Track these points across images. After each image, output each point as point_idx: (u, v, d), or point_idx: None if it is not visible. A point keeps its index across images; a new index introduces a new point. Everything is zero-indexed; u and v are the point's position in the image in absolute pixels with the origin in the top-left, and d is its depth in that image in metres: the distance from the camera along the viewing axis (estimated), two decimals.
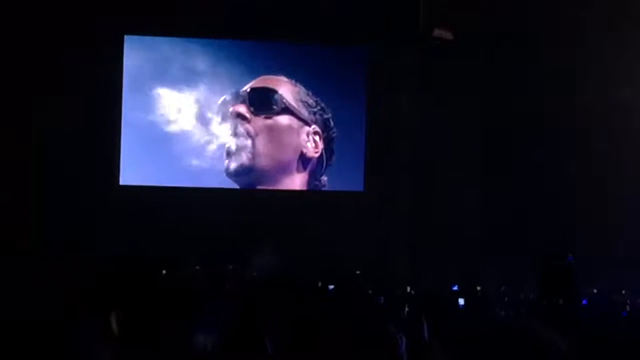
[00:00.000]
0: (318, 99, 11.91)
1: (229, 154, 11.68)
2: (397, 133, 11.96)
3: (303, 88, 11.85)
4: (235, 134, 11.67)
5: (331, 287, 8.91)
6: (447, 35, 11.17)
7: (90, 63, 11.27)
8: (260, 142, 11.72)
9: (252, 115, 11.71)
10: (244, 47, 11.94)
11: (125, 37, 11.70)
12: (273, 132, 11.77)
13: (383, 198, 11.88)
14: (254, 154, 11.66)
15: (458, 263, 11.14)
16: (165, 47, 11.80)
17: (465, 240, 11.60)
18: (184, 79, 11.77)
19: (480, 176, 11.92)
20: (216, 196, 11.63)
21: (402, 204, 11.85)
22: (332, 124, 11.98)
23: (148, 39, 11.77)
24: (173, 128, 11.76)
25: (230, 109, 11.67)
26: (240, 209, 11.60)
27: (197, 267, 10.19)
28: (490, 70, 11.84)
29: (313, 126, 11.89)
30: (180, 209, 11.45)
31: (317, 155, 11.93)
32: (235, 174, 11.70)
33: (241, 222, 11.45)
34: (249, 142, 11.68)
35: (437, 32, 11.14)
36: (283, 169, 11.83)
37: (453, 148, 11.85)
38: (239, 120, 11.67)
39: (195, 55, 11.82)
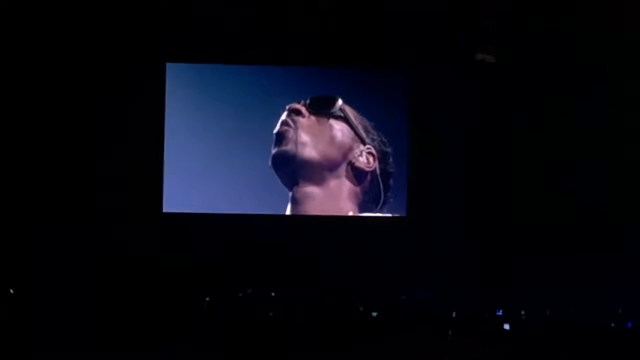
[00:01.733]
0: (381, 133, 11.92)
1: (275, 143, 11.71)
2: (440, 157, 11.92)
3: (367, 122, 11.89)
4: (284, 124, 11.72)
5: (374, 313, 8.94)
6: (490, 58, 11.16)
7: (132, 91, 11.41)
8: (308, 133, 11.76)
9: (308, 113, 11.77)
10: (287, 73, 11.96)
11: (167, 64, 11.76)
12: (324, 130, 11.83)
13: (426, 222, 11.83)
14: (297, 142, 11.67)
15: (502, 286, 11.10)
16: (207, 74, 11.86)
17: (510, 264, 11.53)
18: (228, 105, 11.81)
19: (527, 204, 11.81)
20: (260, 222, 11.64)
21: (445, 228, 11.78)
22: (390, 159, 11.97)
23: (190, 66, 11.84)
24: (218, 153, 11.80)
25: (287, 107, 11.74)
26: (282, 233, 11.62)
27: (240, 294, 10.25)
28: (535, 92, 11.79)
29: (368, 146, 11.89)
30: (224, 236, 11.49)
31: (369, 169, 11.88)
32: (278, 164, 11.68)
33: (283, 246, 11.48)
34: (295, 131, 11.71)
35: (480, 56, 11.14)
36: (329, 168, 11.81)
37: (498, 173, 11.81)
38: (292, 114, 11.73)
39: (237, 81, 11.87)
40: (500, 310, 9.80)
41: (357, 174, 11.93)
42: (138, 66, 11.43)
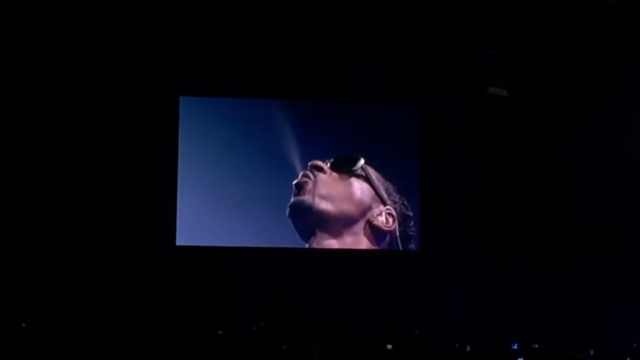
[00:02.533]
0: (404, 197, 11.93)
1: (293, 193, 11.76)
2: (452, 190, 11.90)
3: (390, 184, 11.92)
4: (304, 176, 11.78)
5: (389, 346, 8.89)
6: (502, 92, 11.19)
7: (145, 124, 11.47)
8: (326, 187, 11.82)
9: (330, 170, 11.83)
10: (298, 108, 12.02)
11: (181, 98, 11.81)
12: (343, 186, 11.89)
13: (438, 255, 11.81)
14: (315, 194, 11.72)
15: (516, 319, 11.06)
16: (220, 108, 11.93)
17: (523, 297, 11.49)
18: (241, 139, 11.86)
19: (541, 235, 11.78)
20: (274, 256, 11.65)
21: (457, 261, 11.76)
22: (412, 223, 11.95)
23: (204, 99, 11.90)
24: (231, 186, 11.82)
25: (309, 163, 11.81)
26: (296, 267, 11.63)
27: (253, 328, 10.21)
28: (547, 125, 11.79)
29: (388, 207, 11.90)
30: (237, 269, 11.50)
31: (387, 229, 11.87)
32: (295, 213, 11.73)
33: (296, 280, 11.48)
34: (314, 184, 11.77)
35: (492, 90, 11.17)
36: (346, 224, 11.83)
37: (508, 205, 11.78)
38: (314, 170, 11.81)
39: (250, 115, 11.95)
40: (516, 344, 9.73)
41: (375, 233, 11.93)
42: (151, 99, 11.51)
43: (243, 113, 11.99)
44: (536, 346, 9.79)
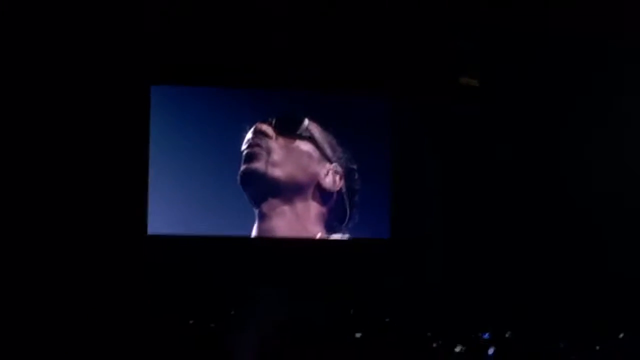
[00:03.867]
0: (347, 150, 12.00)
1: (244, 161, 11.80)
2: (423, 178, 11.93)
3: (333, 138, 11.94)
4: (254, 145, 11.78)
5: (358, 335, 8.92)
6: (473, 82, 11.23)
7: (116, 114, 11.40)
8: (277, 155, 11.84)
9: (275, 135, 11.86)
10: (268, 96, 12.01)
11: (152, 87, 11.76)
12: (292, 152, 11.91)
13: (410, 244, 11.83)
14: (267, 162, 11.77)
15: (489, 308, 11.08)
16: (193, 97, 11.90)
17: (497, 284, 11.49)
18: (210, 128, 11.84)
19: (512, 224, 11.81)
20: (246, 245, 11.67)
21: (430, 248, 11.79)
22: (356, 176, 12.03)
23: (176, 88, 11.85)
24: (201, 176, 11.79)
25: (254, 127, 11.82)
26: (267, 256, 11.61)
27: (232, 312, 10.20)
28: (520, 117, 11.82)
29: (335, 164, 11.91)
30: (211, 259, 11.46)
31: (336, 190, 11.91)
32: (247, 182, 11.76)
33: (266, 270, 11.45)
34: (264, 152, 11.80)
35: (463, 80, 11.21)
36: (297, 190, 11.87)
37: (481, 193, 11.79)
38: (260, 136, 11.80)
39: (220, 103, 11.96)
40: (487, 334, 9.74)
41: (323, 195, 11.98)
42: (122, 88, 11.45)
43: (216, 102, 11.98)
44: (508, 335, 9.81)
